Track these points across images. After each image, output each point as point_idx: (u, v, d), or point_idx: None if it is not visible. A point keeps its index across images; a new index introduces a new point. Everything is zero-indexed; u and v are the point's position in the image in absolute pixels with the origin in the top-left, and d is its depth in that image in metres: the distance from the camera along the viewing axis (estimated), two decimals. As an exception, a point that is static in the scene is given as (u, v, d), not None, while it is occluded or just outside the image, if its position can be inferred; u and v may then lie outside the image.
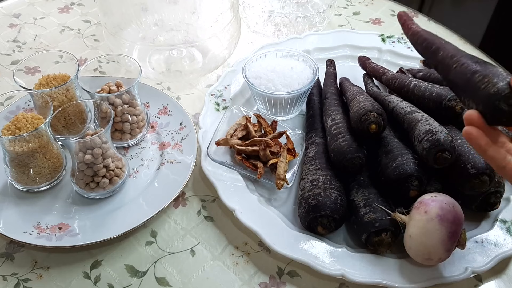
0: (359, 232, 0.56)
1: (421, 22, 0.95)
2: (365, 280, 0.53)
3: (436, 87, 0.64)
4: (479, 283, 0.56)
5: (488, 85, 0.43)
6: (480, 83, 0.43)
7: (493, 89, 0.42)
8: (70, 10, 0.97)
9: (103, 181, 0.60)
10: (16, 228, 0.58)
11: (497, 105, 0.41)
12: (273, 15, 0.88)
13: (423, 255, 0.52)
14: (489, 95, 0.42)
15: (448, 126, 0.62)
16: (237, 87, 0.76)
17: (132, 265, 0.57)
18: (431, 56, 0.53)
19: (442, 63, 0.50)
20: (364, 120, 0.60)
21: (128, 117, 0.66)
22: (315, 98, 0.73)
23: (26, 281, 0.55)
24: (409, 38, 0.59)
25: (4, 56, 0.86)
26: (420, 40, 0.56)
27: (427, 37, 0.55)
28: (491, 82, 0.42)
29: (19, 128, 0.59)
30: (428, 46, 0.54)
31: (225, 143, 0.66)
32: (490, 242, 0.57)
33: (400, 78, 0.71)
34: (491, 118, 0.43)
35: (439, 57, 0.51)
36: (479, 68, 0.45)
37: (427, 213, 0.51)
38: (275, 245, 0.56)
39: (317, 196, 0.57)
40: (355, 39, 0.85)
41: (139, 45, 0.80)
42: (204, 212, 0.63)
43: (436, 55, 0.52)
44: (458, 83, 0.47)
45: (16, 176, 0.61)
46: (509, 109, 0.41)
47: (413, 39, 0.57)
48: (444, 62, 0.50)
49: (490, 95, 0.42)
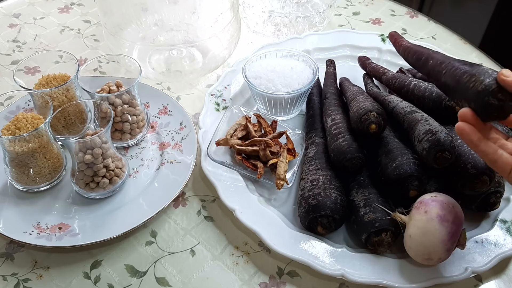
0: (359, 232, 0.56)
1: (421, 22, 0.95)
2: (365, 280, 0.53)
3: (436, 87, 0.64)
4: (479, 283, 0.56)
5: (476, 83, 0.45)
6: (468, 82, 0.46)
7: (481, 86, 0.44)
8: (70, 10, 0.97)
9: (103, 181, 0.60)
10: (16, 228, 0.58)
11: (487, 100, 0.43)
12: (273, 15, 0.88)
13: (423, 255, 0.52)
14: (478, 92, 0.44)
15: (448, 126, 0.62)
16: (237, 87, 0.76)
17: (132, 265, 0.57)
18: (422, 66, 0.57)
19: (433, 70, 0.54)
20: (364, 120, 0.60)
21: (128, 117, 0.66)
22: (315, 98, 0.73)
23: (26, 281, 0.55)
24: (401, 53, 0.64)
25: (4, 56, 0.86)
26: (411, 53, 0.60)
27: (417, 49, 0.59)
28: (478, 80, 0.45)
29: (19, 128, 0.59)
30: (419, 57, 0.58)
31: (225, 143, 0.66)
32: (490, 242, 0.57)
33: (400, 78, 0.71)
34: (483, 114, 0.44)
35: (429, 66, 0.55)
36: (467, 69, 0.47)
37: (427, 213, 0.51)
38: (275, 245, 0.56)
39: (317, 196, 0.57)
40: (355, 39, 0.85)
41: (139, 45, 0.80)
42: (204, 212, 0.63)
43: (427, 64, 0.55)
44: (450, 86, 0.49)
45: (16, 176, 0.61)
46: (498, 103, 0.43)
47: (405, 53, 0.62)
48: (435, 69, 0.53)
49: (479, 92, 0.44)
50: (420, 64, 0.57)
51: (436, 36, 0.92)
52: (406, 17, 0.97)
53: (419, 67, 0.58)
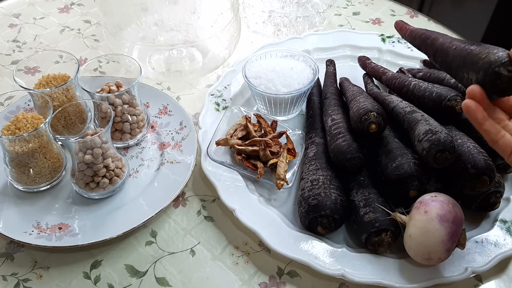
0: (359, 232, 0.56)
1: (421, 22, 0.95)
2: (365, 280, 0.53)
3: (436, 87, 0.64)
4: (479, 283, 0.56)
5: (489, 54, 0.46)
6: (481, 53, 0.47)
7: (494, 57, 0.46)
8: (70, 10, 0.97)
9: (103, 181, 0.60)
10: (16, 228, 0.58)
11: (497, 71, 0.45)
12: (273, 15, 0.88)
13: (423, 255, 0.52)
14: (490, 62, 0.46)
15: (448, 126, 0.62)
16: (237, 87, 0.76)
17: (132, 265, 0.57)
18: (429, 46, 0.59)
19: (441, 48, 0.55)
20: (364, 120, 0.60)
21: (128, 117, 0.66)
22: (315, 98, 0.73)
23: (26, 281, 0.55)
24: (407, 37, 0.64)
25: (4, 56, 0.86)
26: (417, 35, 0.61)
27: (424, 31, 0.61)
28: (491, 52, 0.46)
29: (19, 128, 0.59)
30: (426, 37, 0.59)
31: (225, 143, 0.66)
32: (490, 242, 0.57)
33: (400, 78, 0.71)
34: (490, 85, 0.46)
35: (437, 44, 0.56)
36: (477, 46, 0.49)
37: (427, 213, 0.51)
38: (275, 245, 0.56)
39: (317, 196, 0.57)
40: (355, 39, 0.85)
41: (139, 45, 0.80)
42: (204, 212, 0.63)
43: (434, 44, 0.58)
44: (458, 61, 0.51)
45: (16, 176, 0.61)
46: (508, 74, 0.44)
47: (411, 36, 0.63)
48: (443, 47, 0.55)
49: (491, 62, 0.46)
50: (427, 44, 0.58)
51: (436, 36, 0.91)
52: (406, 17, 0.97)
53: (426, 47, 0.59)
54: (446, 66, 0.54)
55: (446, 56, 0.53)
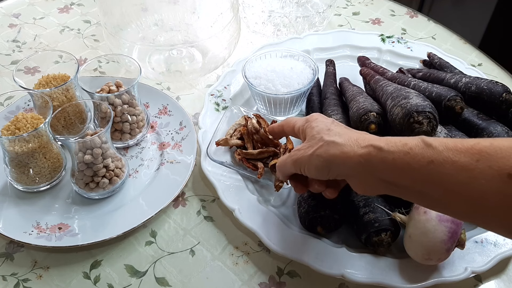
0: (359, 232, 0.56)
1: (421, 22, 0.95)
2: (365, 280, 0.53)
3: (435, 87, 0.64)
4: (478, 283, 0.56)
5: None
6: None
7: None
8: (70, 10, 0.97)
9: (102, 181, 0.60)
10: (16, 228, 0.58)
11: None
12: (273, 15, 0.88)
13: (423, 255, 0.52)
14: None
15: (448, 126, 0.62)
16: (237, 87, 0.76)
17: (132, 265, 0.57)
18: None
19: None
20: (364, 120, 0.60)
21: (128, 117, 0.66)
22: (315, 98, 0.73)
23: (26, 281, 0.55)
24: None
25: (4, 56, 0.86)
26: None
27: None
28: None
29: (19, 128, 0.59)
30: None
31: (225, 143, 0.66)
32: (490, 242, 0.57)
33: (400, 78, 0.71)
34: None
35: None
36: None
37: (427, 213, 0.51)
38: (275, 245, 0.56)
39: (317, 196, 0.57)
40: (355, 39, 0.85)
41: (139, 45, 0.80)
42: (204, 212, 0.63)
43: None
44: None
45: (16, 176, 0.61)
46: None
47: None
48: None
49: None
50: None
51: (436, 36, 0.92)
52: (406, 17, 0.97)
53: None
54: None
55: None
